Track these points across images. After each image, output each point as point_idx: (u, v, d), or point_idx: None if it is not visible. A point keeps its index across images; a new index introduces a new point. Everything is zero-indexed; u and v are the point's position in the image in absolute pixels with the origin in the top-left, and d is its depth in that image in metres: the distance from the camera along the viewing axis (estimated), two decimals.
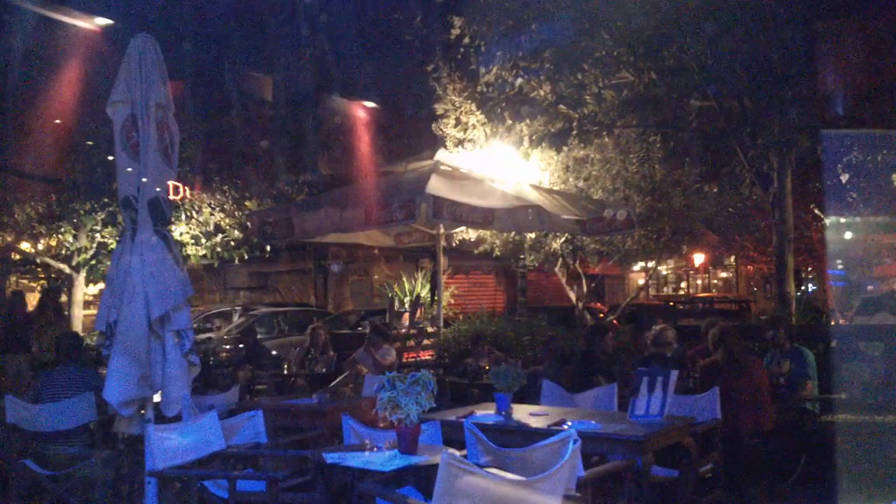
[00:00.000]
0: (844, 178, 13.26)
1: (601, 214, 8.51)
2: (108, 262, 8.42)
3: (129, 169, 4.58)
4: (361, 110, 22.98)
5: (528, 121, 10.53)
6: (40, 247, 13.86)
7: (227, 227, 13.08)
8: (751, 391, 5.72)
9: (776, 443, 5.69)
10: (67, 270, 12.75)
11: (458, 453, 3.39)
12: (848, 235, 19.14)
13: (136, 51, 4.60)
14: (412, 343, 10.67)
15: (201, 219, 12.79)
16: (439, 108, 11.90)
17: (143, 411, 4.62)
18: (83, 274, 12.73)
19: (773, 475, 5.76)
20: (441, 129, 11.90)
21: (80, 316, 12.77)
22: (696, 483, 5.09)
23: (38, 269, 14.55)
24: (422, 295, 12.79)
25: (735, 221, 13.79)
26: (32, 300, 21.08)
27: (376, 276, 21.85)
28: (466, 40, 10.84)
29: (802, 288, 21.65)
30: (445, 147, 11.34)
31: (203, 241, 12.85)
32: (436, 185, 6.96)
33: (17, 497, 5.29)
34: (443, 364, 9.73)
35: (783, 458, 5.78)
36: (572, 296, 13.81)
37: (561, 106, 10.36)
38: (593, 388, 6.21)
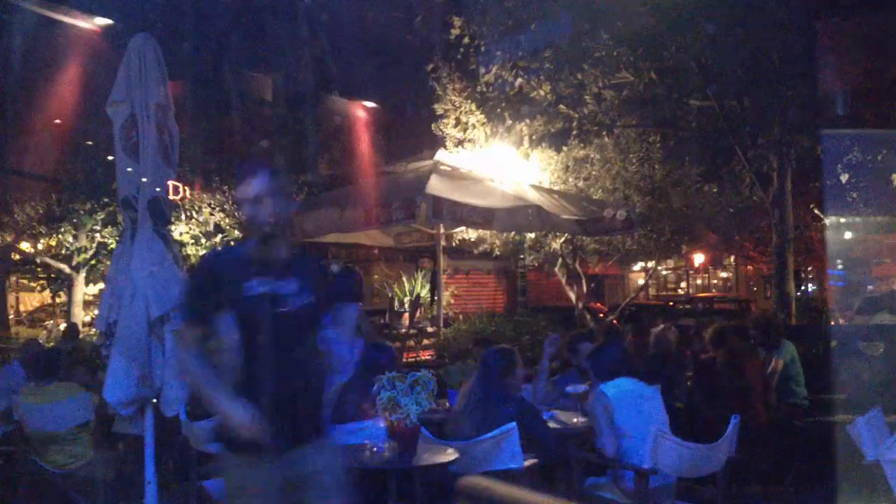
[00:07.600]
0: (844, 178, 13.26)
1: (601, 214, 8.51)
2: (108, 262, 8.42)
3: (129, 169, 4.58)
4: (361, 110, 22.95)
5: (528, 121, 10.51)
6: (40, 247, 13.87)
7: (227, 227, 13.07)
8: (743, 394, 5.72)
9: (770, 440, 5.69)
10: (67, 270, 12.75)
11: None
12: (848, 235, 19.15)
13: (136, 51, 4.59)
14: (412, 343, 10.66)
15: (201, 219, 12.77)
16: (439, 108, 11.89)
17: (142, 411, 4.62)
18: (83, 274, 12.73)
19: (771, 474, 5.75)
20: (441, 129, 11.89)
21: (80, 315, 12.77)
22: (695, 482, 5.08)
23: (38, 269, 14.56)
24: (422, 295, 12.78)
25: (735, 221, 13.79)
26: (30, 300, 21.02)
27: (376, 276, 21.84)
28: (466, 40, 10.83)
29: (802, 288, 21.65)
30: (445, 147, 11.32)
31: (203, 241, 12.83)
32: (436, 185, 6.97)
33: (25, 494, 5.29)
34: (443, 364, 9.71)
35: (778, 457, 5.78)
36: (572, 296, 13.79)
37: (561, 106, 10.35)
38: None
